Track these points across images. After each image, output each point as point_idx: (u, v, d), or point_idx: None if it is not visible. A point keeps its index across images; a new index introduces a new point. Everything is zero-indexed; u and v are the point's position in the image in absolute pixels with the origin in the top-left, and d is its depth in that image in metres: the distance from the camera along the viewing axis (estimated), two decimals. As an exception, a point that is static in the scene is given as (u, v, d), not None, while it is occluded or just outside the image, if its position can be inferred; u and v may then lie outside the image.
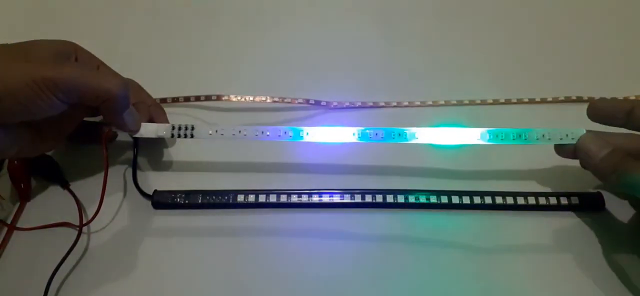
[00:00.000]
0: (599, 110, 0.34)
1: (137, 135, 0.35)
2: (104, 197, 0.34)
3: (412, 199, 0.36)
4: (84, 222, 0.35)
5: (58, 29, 0.49)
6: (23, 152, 0.32)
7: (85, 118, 0.34)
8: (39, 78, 0.27)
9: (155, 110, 0.37)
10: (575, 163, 0.35)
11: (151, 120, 0.36)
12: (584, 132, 0.34)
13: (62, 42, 0.33)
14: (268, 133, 0.35)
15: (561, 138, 0.34)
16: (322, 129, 0.35)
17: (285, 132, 0.35)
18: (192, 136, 0.35)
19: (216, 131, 0.35)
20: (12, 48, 0.30)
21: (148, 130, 0.35)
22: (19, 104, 0.28)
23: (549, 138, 0.34)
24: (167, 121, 0.38)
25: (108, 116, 0.31)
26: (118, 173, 0.38)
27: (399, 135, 0.34)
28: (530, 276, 0.33)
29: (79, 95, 0.29)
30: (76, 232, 0.34)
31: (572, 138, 0.34)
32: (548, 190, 0.37)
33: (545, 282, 0.33)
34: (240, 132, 0.35)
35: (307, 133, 0.35)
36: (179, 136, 0.35)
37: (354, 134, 0.35)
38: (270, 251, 0.34)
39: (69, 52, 0.32)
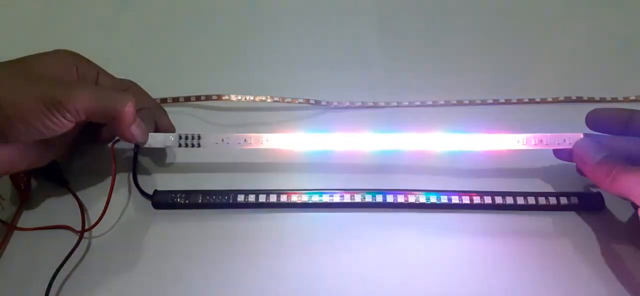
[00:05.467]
0: (597, 119, 0.35)
1: (145, 146, 0.35)
2: (108, 202, 0.34)
3: (412, 199, 0.36)
4: (86, 224, 0.35)
5: (58, 29, 0.49)
6: (32, 164, 0.32)
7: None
8: (49, 101, 0.28)
9: (157, 113, 0.37)
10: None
11: (155, 124, 0.36)
12: (581, 136, 0.34)
13: (63, 53, 0.33)
14: (272, 140, 0.35)
15: (558, 143, 0.34)
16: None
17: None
18: (198, 145, 0.35)
19: (222, 140, 0.35)
20: (14, 65, 0.30)
21: (156, 140, 0.35)
22: (29, 127, 0.28)
23: (546, 143, 0.35)
24: (170, 122, 0.38)
25: (116, 131, 0.32)
26: (119, 173, 0.38)
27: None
28: (530, 275, 0.33)
29: (87, 115, 0.30)
30: (77, 234, 0.34)
31: (569, 143, 0.34)
32: (548, 190, 0.37)
33: (545, 282, 0.33)
34: (245, 140, 0.35)
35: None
36: (186, 145, 0.35)
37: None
38: (271, 251, 0.34)
39: (71, 64, 0.32)
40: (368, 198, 0.36)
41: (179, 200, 0.36)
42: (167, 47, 0.48)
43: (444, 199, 0.36)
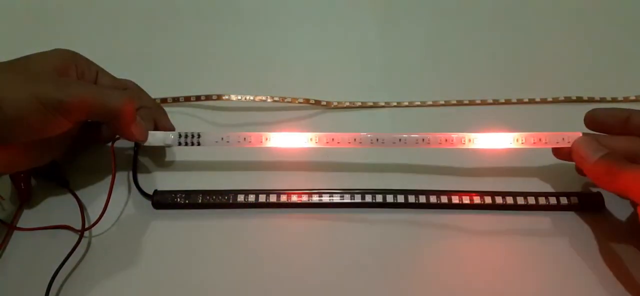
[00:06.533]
0: (596, 119, 0.35)
1: (145, 144, 0.35)
2: (108, 201, 0.34)
3: (412, 199, 0.36)
4: (86, 224, 0.35)
5: (58, 29, 0.49)
6: (33, 164, 0.32)
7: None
8: (47, 101, 0.28)
9: (157, 112, 0.37)
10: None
11: (155, 123, 0.36)
12: (580, 135, 0.34)
13: (61, 53, 0.33)
14: (272, 139, 0.35)
15: (557, 142, 0.34)
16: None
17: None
18: (198, 144, 0.35)
19: (222, 139, 0.35)
20: (13, 65, 0.30)
21: (156, 138, 0.35)
22: (28, 127, 0.28)
23: (546, 142, 0.35)
24: (169, 122, 0.38)
25: (116, 130, 0.32)
26: (118, 173, 0.38)
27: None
28: (530, 275, 0.33)
29: (86, 115, 0.30)
30: (77, 233, 0.34)
31: (568, 142, 0.34)
32: (548, 190, 0.37)
33: (545, 282, 0.33)
34: (245, 139, 0.35)
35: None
36: (186, 144, 0.35)
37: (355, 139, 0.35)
38: (271, 251, 0.34)
39: (69, 64, 0.32)
40: (368, 198, 0.36)
41: (179, 200, 0.36)
42: (167, 47, 0.48)
43: (444, 199, 0.36)
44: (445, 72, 0.46)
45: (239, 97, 0.41)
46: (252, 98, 0.41)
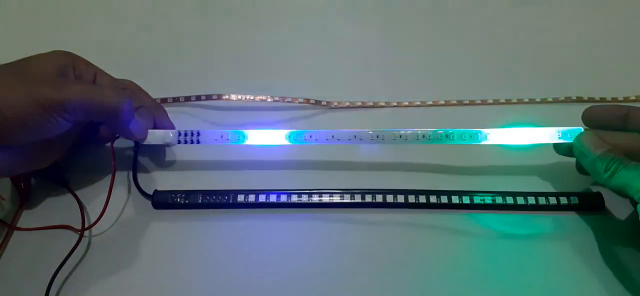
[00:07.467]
0: (593, 116, 0.35)
1: (144, 142, 0.35)
2: (108, 200, 0.34)
3: (412, 199, 0.36)
4: (86, 224, 0.35)
5: (58, 29, 0.49)
6: (34, 166, 0.32)
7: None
8: (45, 102, 0.28)
9: (157, 112, 0.37)
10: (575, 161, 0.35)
11: (155, 123, 0.36)
12: (582, 130, 0.34)
13: (59, 54, 0.33)
14: (271, 136, 0.35)
15: (559, 137, 0.34)
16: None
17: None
18: (198, 142, 0.35)
19: (221, 136, 0.35)
20: (11, 67, 0.30)
21: (155, 136, 0.35)
22: (27, 128, 0.28)
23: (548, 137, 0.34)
24: (169, 121, 0.38)
25: (115, 129, 0.32)
26: (118, 173, 0.38)
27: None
28: (530, 275, 0.33)
29: (85, 114, 0.30)
30: (76, 233, 0.34)
31: (570, 137, 0.34)
32: (548, 190, 0.37)
33: (545, 282, 0.33)
34: (244, 136, 0.35)
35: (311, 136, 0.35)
36: (185, 142, 0.35)
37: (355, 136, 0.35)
38: (270, 251, 0.34)
39: (67, 65, 0.32)
40: (368, 198, 0.36)
41: (178, 200, 0.36)
42: (167, 47, 0.48)
43: (444, 199, 0.36)
44: (445, 72, 0.46)
45: (239, 97, 0.41)
46: (252, 98, 0.41)
